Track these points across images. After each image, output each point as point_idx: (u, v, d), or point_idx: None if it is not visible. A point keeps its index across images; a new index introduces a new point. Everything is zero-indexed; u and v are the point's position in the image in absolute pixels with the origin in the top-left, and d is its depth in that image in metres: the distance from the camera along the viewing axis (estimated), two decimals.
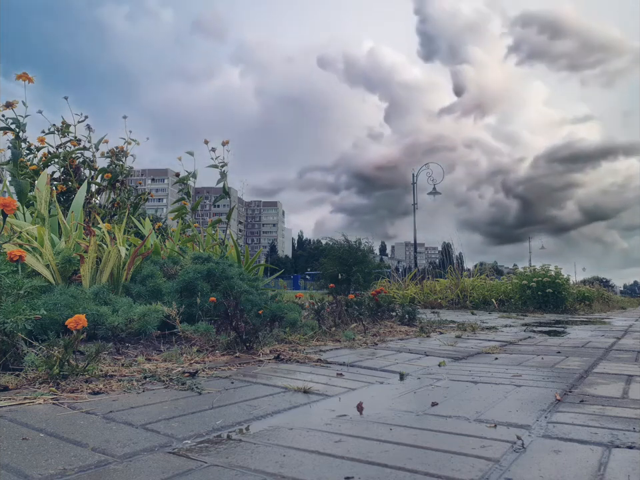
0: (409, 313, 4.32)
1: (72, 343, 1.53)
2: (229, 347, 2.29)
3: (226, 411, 1.29)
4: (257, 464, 0.91)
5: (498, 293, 9.69)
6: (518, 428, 1.18)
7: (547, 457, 0.97)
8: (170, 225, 8.05)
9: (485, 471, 0.88)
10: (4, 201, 1.60)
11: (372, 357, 2.37)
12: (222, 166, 5.05)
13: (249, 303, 3.05)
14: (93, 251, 2.78)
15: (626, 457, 0.97)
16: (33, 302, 1.77)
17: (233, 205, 5.42)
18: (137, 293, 2.82)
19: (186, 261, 3.42)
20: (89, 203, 4.76)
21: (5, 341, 1.60)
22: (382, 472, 0.88)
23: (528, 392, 1.61)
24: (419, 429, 1.17)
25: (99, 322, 2.19)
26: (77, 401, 1.33)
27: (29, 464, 0.87)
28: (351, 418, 1.26)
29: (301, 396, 1.50)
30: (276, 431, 1.13)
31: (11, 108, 3.91)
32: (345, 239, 9.88)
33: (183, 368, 1.83)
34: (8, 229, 2.78)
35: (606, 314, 9.62)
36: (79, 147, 5.05)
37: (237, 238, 27.77)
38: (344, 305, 3.72)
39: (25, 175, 4.17)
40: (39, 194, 3.33)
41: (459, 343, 3.12)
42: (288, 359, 2.19)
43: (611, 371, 2.08)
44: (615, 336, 3.87)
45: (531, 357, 2.49)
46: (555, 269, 9.22)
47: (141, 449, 0.97)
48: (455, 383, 1.78)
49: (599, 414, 1.32)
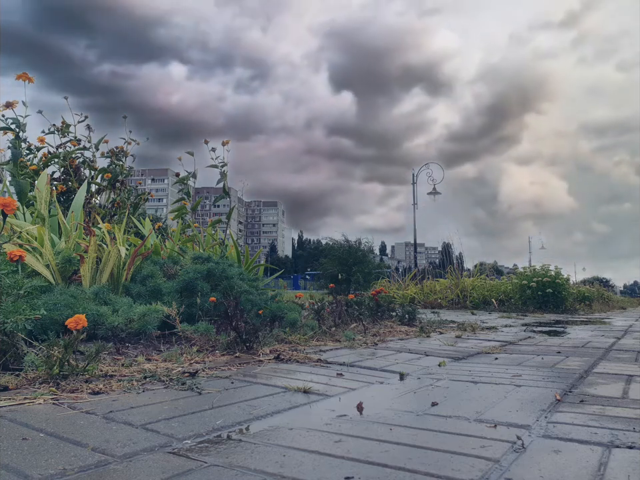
0: (409, 313, 4.32)
1: (72, 343, 1.53)
2: (228, 347, 2.29)
3: (226, 410, 1.29)
4: (256, 464, 0.91)
5: (498, 293, 9.68)
6: (518, 428, 1.18)
7: (547, 457, 0.97)
8: (170, 225, 8.06)
9: (485, 471, 0.88)
10: (4, 200, 1.60)
11: (372, 357, 2.37)
12: (222, 166, 5.05)
13: (249, 303, 3.05)
14: (93, 251, 2.78)
15: (626, 457, 0.97)
16: (33, 302, 1.77)
17: (233, 205, 5.42)
18: (137, 293, 2.82)
19: (186, 260, 3.42)
20: (89, 203, 4.76)
21: (4, 341, 1.60)
22: (382, 472, 0.88)
23: (528, 392, 1.61)
24: (419, 428, 1.17)
25: (98, 322, 2.19)
26: (77, 401, 1.33)
27: (29, 464, 0.87)
28: (351, 418, 1.25)
29: (300, 396, 1.50)
30: (276, 431, 1.13)
31: (11, 108, 3.91)
32: (345, 239, 9.90)
33: (183, 368, 1.83)
34: (8, 229, 2.77)
35: (606, 314, 9.62)
36: (79, 147, 5.05)
37: (237, 238, 27.71)
38: (344, 305, 3.72)
39: (25, 175, 4.16)
40: (39, 194, 3.33)
41: (459, 343, 3.12)
42: (288, 359, 2.19)
43: (611, 371, 2.08)
44: (615, 336, 3.87)
45: (531, 357, 2.49)
46: (555, 269, 9.22)
47: (140, 449, 0.97)
48: (454, 382, 1.78)
49: (599, 414, 1.32)
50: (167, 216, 12.75)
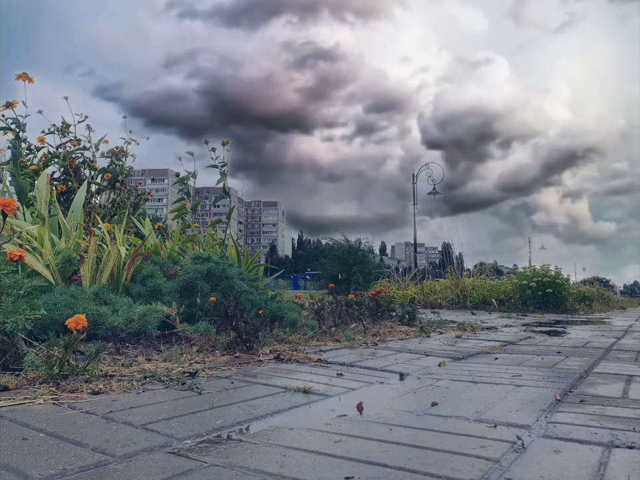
0: (409, 313, 4.32)
1: (72, 343, 1.53)
2: (228, 347, 2.29)
3: (226, 410, 1.29)
4: (256, 464, 0.91)
5: (498, 293, 9.68)
6: (518, 428, 1.18)
7: (547, 457, 0.97)
8: (170, 225, 8.06)
9: (485, 471, 0.88)
10: (4, 200, 1.60)
11: (372, 357, 2.37)
12: (222, 166, 5.05)
13: (249, 303, 3.05)
14: (93, 251, 2.78)
15: (626, 457, 0.97)
16: (33, 302, 1.77)
17: (232, 205, 5.42)
18: (137, 293, 2.82)
19: (186, 260, 3.42)
20: (89, 203, 4.76)
21: (4, 341, 1.60)
22: (382, 472, 0.88)
23: (528, 392, 1.61)
24: (419, 428, 1.17)
25: (98, 322, 2.19)
26: (77, 401, 1.33)
27: (29, 464, 0.87)
28: (351, 418, 1.25)
29: (300, 396, 1.50)
30: (276, 431, 1.13)
31: (11, 108, 3.91)
32: (345, 239, 9.90)
33: (183, 368, 1.83)
34: (8, 229, 2.77)
35: (606, 314, 9.62)
36: (79, 147, 5.05)
37: (237, 238, 27.71)
38: (344, 305, 3.72)
39: (25, 175, 4.16)
40: (39, 194, 3.33)
41: (459, 343, 3.12)
42: (288, 359, 2.19)
43: (611, 371, 2.07)
44: (615, 336, 3.87)
45: (531, 357, 2.49)
46: (555, 269, 9.22)
47: (140, 449, 0.97)
48: (454, 382, 1.78)
49: (599, 414, 1.32)
50: (167, 216, 12.77)
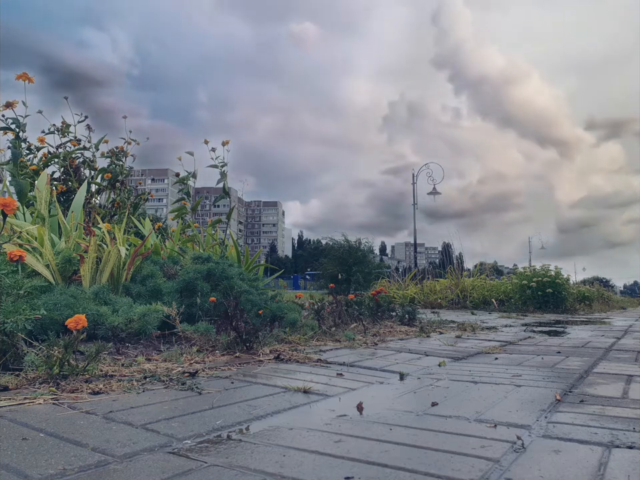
0: (409, 313, 4.32)
1: (72, 343, 1.53)
2: (228, 347, 2.29)
3: (226, 410, 1.29)
4: (256, 464, 0.91)
5: (498, 293, 9.68)
6: (518, 428, 1.18)
7: (547, 457, 0.97)
8: (170, 225, 8.06)
9: (485, 471, 0.88)
10: (4, 200, 1.60)
11: (372, 357, 2.37)
12: (222, 166, 5.05)
13: (249, 303, 3.05)
14: (93, 251, 2.78)
15: (626, 457, 0.97)
16: (33, 302, 1.77)
17: (232, 205, 5.42)
18: (137, 293, 2.82)
19: (186, 260, 3.42)
20: (88, 203, 4.76)
21: (4, 341, 1.60)
22: (382, 472, 0.88)
23: (528, 392, 1.61)
24: (419, 428, 1.17)
25: (98, 322, 2.20)
26: (77, 401, 1.33)
27: (29, 464, 0.87)
28: (351, 418, 1.25)
29: (300, 396, 1.50)
30: (276, 431, 1.13)
31: (11, 108, 3.91)
32: (345, 239, 9.90)
33: (183, 368, 1.83)
34: (8, 228, 2.78)
35: (606, 314, 9.61)
36: (79, 147, 5.05)
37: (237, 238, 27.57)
38: (344, 305, 3.72)
39: (25, 175, 4.17)
40: (39, 194, 3.33)
41: (459, 343, 3.12)
42: (288, 359, 2.19)
43: (611, 371, 2.07)
44: (615, 336, 3.87)
45: (531, 357, 2.49)
46: (555, 269, 9.22)
47: (140, 449, 0.97)
48: (454, 382, 1.78)
49: (599, 414, 1.32)
50: (167, 216, 12.77)
